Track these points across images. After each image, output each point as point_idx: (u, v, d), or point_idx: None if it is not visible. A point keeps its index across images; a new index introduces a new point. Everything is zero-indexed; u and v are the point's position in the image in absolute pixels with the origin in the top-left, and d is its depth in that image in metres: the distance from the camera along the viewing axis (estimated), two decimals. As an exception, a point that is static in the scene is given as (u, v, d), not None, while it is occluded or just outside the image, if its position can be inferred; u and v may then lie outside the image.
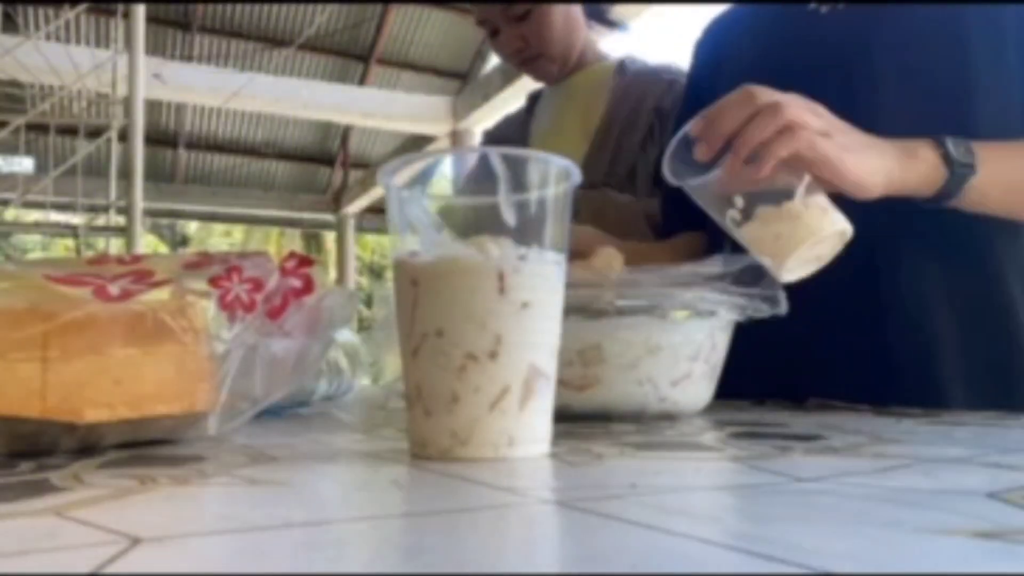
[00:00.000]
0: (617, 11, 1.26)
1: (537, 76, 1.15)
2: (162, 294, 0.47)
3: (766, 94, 0.54)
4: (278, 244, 9.46)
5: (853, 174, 0.54)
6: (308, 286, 0.53)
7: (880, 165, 0.56)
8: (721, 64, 0.84)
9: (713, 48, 0.90)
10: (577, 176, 0.42)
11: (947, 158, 0.58)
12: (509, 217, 0.41)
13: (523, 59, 1.11)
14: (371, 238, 10.09)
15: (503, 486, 0.31)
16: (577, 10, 1.11)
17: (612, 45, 1.21)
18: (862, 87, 0.69)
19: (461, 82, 5.60)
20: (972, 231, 0.65)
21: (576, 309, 0.54)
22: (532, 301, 0.40)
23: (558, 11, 1.07)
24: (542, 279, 0.41)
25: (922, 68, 0.68)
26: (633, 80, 1.11)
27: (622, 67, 1.14)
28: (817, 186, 0.55)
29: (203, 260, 0.52)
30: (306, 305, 0.52)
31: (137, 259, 0.52)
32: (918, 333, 0.67)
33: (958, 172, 0.57)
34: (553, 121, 1.16)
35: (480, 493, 0.30)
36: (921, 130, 0.60)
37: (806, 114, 0.54)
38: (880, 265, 0.68)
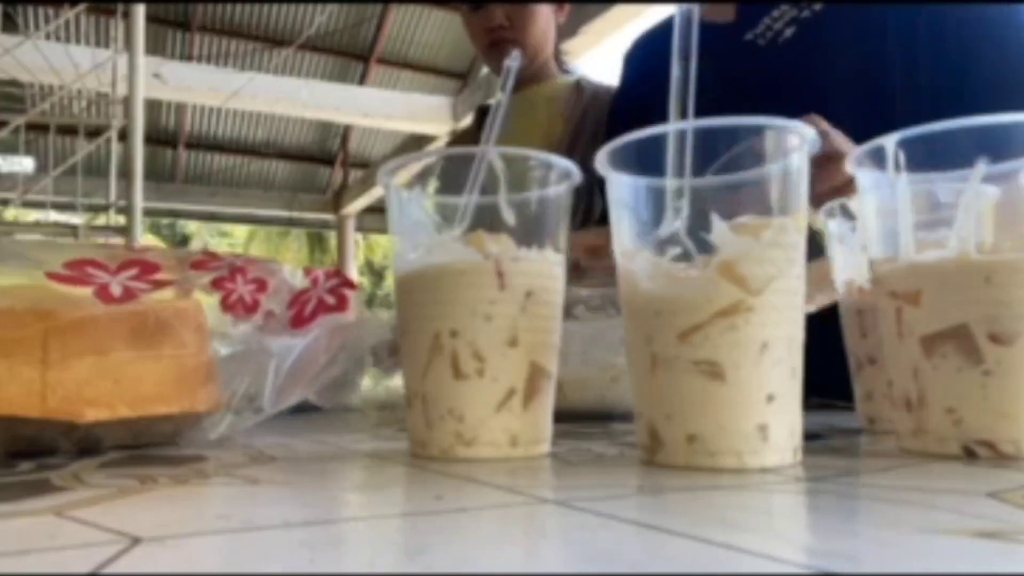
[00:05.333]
0: (573, 56, 1.32)
1: (499, 65, 1.16)
2: (164, 295, 0.47)
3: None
4: (281, 245, 9.46)
5: None
6: (341, 304, 0.53)
7: None
8: (653, 77, 0.89)
9: (644, 61, 0.96)
10: (577, 176, 0.42)
11: None
12: (508, 217, 0.40)
13: (494, 40, 1.11)
14: (379, 239, 10.09)
15: (503, 486, 0.31)
16: (552, 22, 1.14)
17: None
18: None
19: (461, 82, 5.60)
20: None
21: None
22: (535, 289, 0.40)
23: (543, 11, 1.10)
24: (542, 266, 0.41)
25: (845, 111, 0.69)
26: (591, 101, 1.14)
27: (579, 86, 1.16)
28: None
29: (208, 260, 0.52)
30: (336, 323, 0.52)
31: (145, 250, 0.52)
32: None
33: None
34: (513, 132, 1.16)
35: (481, 493, 0.30)
36: None
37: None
38: None
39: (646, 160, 0.38)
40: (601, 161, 0.39)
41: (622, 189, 0.39)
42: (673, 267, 0.36)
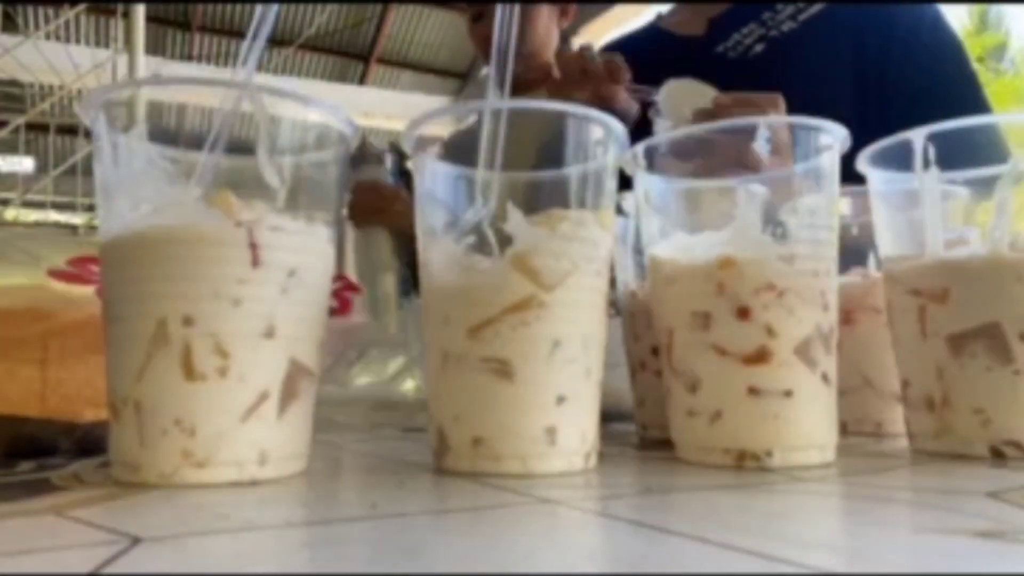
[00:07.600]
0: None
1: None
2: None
3: None
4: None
5: None
6: (344, 308, 0.53)
7: None
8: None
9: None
10: (352, 143, 0.37)
11: None
12: (271, 178, 0.33)
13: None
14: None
15: (503, 486, 0.31)
16: (554, 27, 1.15)
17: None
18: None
19: (461, 82, 5.60)
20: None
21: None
22: (299, 267, 0.33)
23: (543, 17, 1.11)
24: (308, 240, 0.34)
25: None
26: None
27: None
28: None
29: None
30: (338, 326, 0.52)
31: None
32: None
33: None
34: (510, 135, 1.16)
35: (481, 493, 0.30)
36: None
37: None
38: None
39: (461, 149, 0.37)
40: (408, 143, 0.37)
41: (433, 177, 0.37)
42: (468, 258, 0.34)
